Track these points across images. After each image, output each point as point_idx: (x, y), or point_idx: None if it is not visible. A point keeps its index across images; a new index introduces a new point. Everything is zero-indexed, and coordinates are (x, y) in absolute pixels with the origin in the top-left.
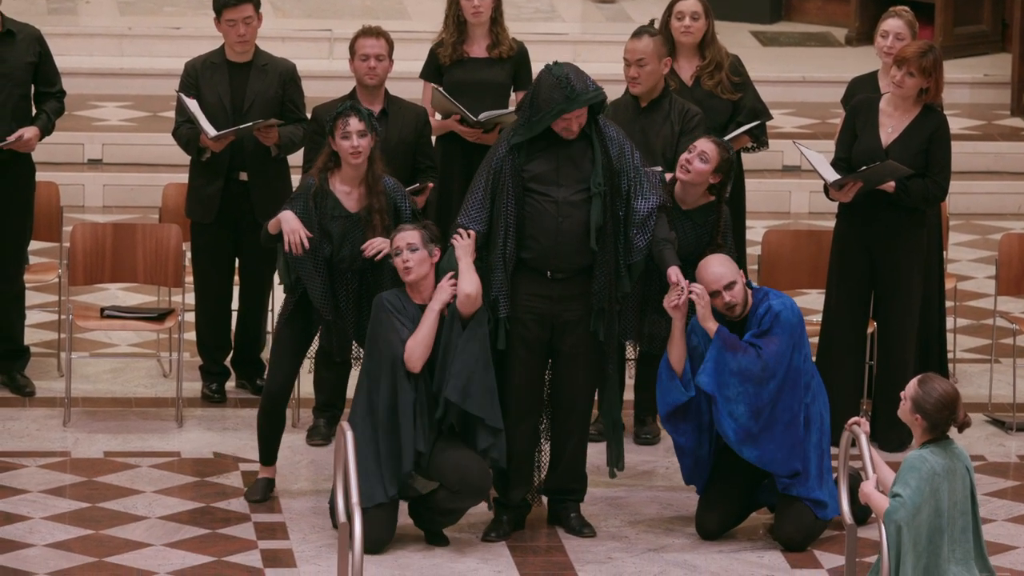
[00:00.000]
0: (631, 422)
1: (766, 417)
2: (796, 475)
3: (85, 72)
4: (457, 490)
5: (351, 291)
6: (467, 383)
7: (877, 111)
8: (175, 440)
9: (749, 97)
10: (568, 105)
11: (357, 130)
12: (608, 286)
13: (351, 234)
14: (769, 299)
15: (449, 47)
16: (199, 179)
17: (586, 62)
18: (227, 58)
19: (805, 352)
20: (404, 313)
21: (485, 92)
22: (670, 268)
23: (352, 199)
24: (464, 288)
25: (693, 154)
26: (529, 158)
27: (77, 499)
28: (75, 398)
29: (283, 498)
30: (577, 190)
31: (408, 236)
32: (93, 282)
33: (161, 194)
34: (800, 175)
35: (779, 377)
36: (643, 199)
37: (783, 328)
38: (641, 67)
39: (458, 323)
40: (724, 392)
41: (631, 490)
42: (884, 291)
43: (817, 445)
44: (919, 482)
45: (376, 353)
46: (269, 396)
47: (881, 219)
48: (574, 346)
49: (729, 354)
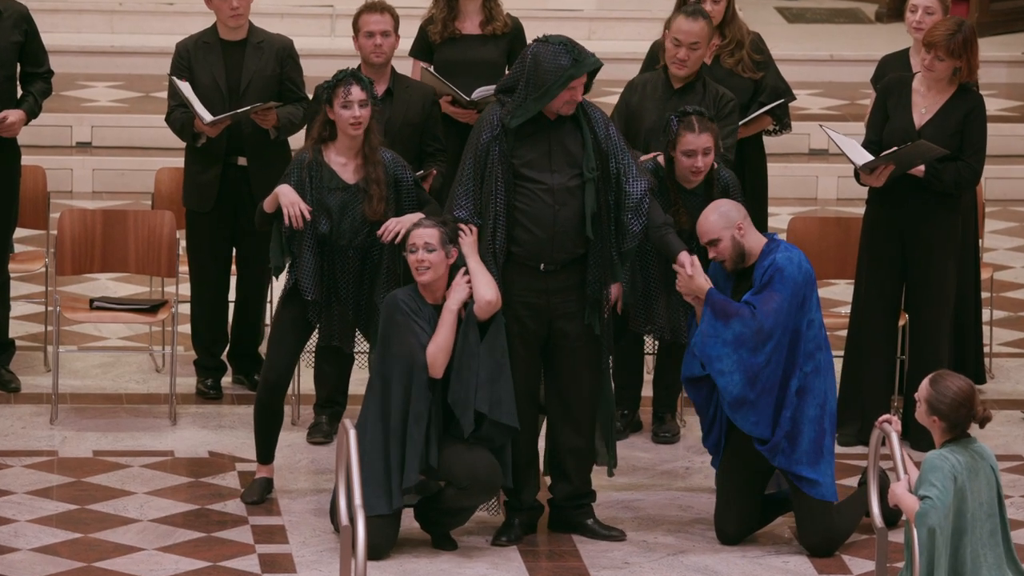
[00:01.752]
0: (649, 419)
1: (764, 381)
2: (764, 443)
3: (74, 50)
4: (466, 486)
5: (352, 270)
6: (495, 393)
7: (910, 91)
8: (168, 439)
9: (771, 76)
10: (578, 69)
11: (359, 99)
12: (602, 276)
13: (350, 207)
14: (776, 252)
15: (439, 24)
16: (195, 166)
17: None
18: (220, 36)
19: (812, 318)
20: (420, 315)
21: (478, 71)
22: (680, 254)
23: (348, 171)
24: (485, 295)
25: (698, 155)
26: (518, 143)
27: (65, 501)
28: (63, 394)
29: (282, 499)
30: (571, 175)
31: (426, 234)
32: (82, 272)
33: (154, 179)
34: (827, 159)
35: (776, 338)
36: (634, 181)
37: (784, 284)
38: (693, 50)
39: (474, 329)
40: (716, 366)
41: (649, 492)
42: (916, 281)
43: (814, 421)
44: (944, 481)
45: (389, 355)
46: (267, 386)
47: (913, 205)
48: (574, 339)
49: (721, 323)
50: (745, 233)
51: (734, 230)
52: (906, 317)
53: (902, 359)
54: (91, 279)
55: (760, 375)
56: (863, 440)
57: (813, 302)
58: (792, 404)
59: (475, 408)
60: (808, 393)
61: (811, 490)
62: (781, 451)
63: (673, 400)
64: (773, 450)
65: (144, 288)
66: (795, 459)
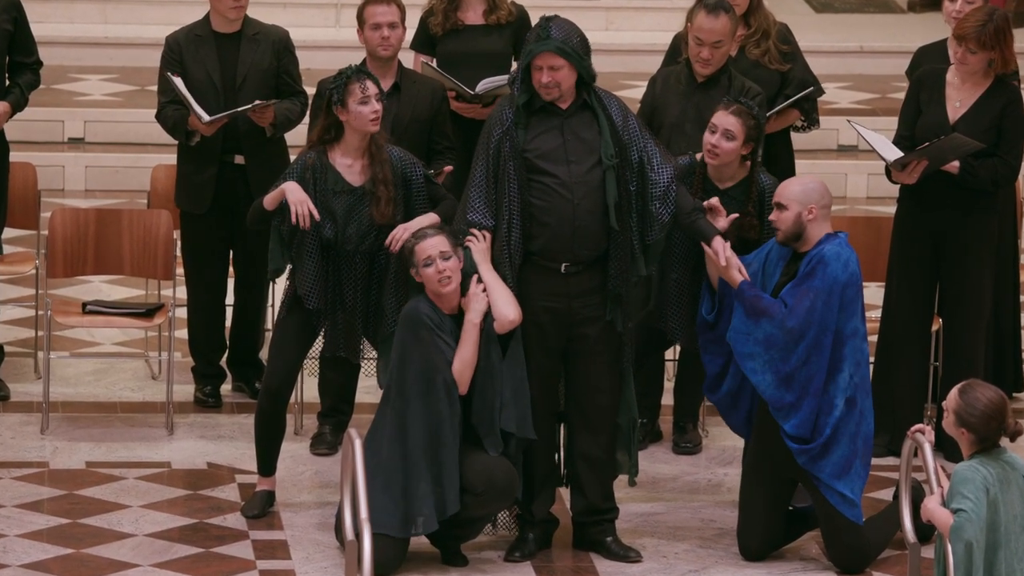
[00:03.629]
0: (669, 429)
1: (802, 382)
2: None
3: (65, 41)
4: (481, 492)
5: (359, 276)
6: (520, 410)
7: (944, 83)
8: (165, 449)
9: (798, 68)
10: (537, 46)
11: (375, 94)
12: (624, 269)
13: (356, 210)
14: (826, 244)
15: (440, 15)
16: (189, 165)
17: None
18: (213, 29)
19: (857, 326)
20: (443, 328)
21: (483, 63)
22: (714, 240)
23: (354, 172)
24: (509, 315)
25: (717, 134)
26: (531, 135)
27: (56, 515)
28: (54, 403)
29: (284, 513)
30: (589, 165)
31: (438, 243)
32: (74, 274)
33: (150, 177)
34: (857, 155)
35: (809, 338)
36: (660, 168)
37: (824, 279)
38: (717, 48)
39: (496, 346)
40: (748, 364)
41: (670, 505)
42: (950, 284)
43: (851, 438)
44: (977, 493)
45: (411, 371)
46: (268, 393)
47: (947, 203)
48: (595, 343)
49: (752, 321)
50: (814, 219)
51: (805, 209)
52: (940, 322)
53: (935, 366)
54: (84, 281)
55: (796, 376)
56: (894, 451)
57: (859, 309)
58: (836, 411)
59: (502, 427)
60: (855, 407)
61: (842, 507)
62: (811, 456)
63: (695, 409)
64: (803, 452)
65: (140, 291)
66: (820, 466)
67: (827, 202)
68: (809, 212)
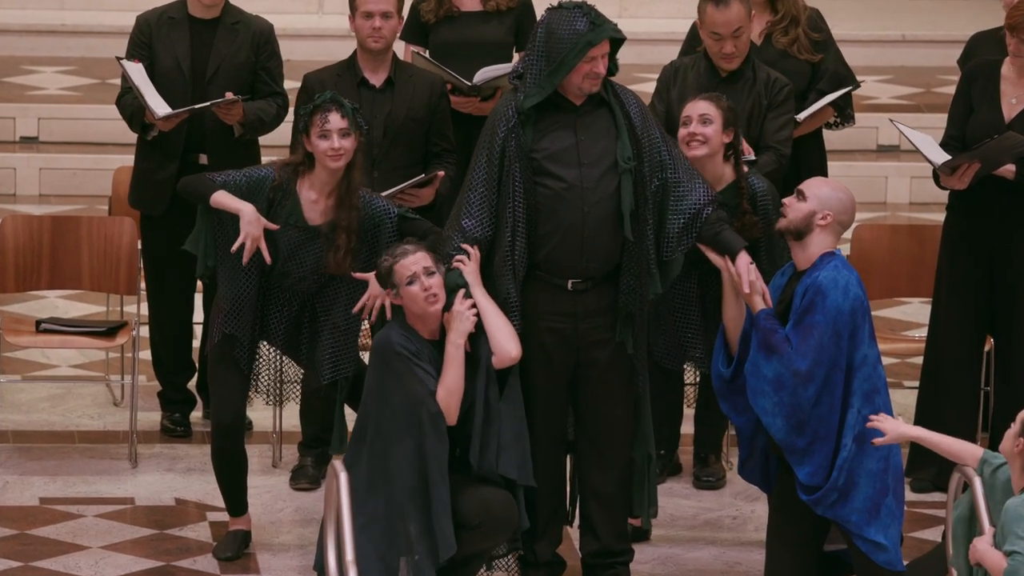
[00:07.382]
0: (689, 460)
1: (814, 427)
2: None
3: (17, 29)
4: (478, 524)
5: (287, 316)
6: (521, 455)
7: (998, 77)
8: (128, 484)
9: (831, 59)
10: (596, 34)
11: (339, 128)
12: (637, 285)
13: (304, 249)
14: (823, 268)
15: (433, 1)
16: (147, 162)
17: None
18: (189, 12)
19: (866, 353)
20: (421, 356)
21: (481, 53)
22: (739, 258)
23: (316, 209)
24: (511, 351)
25: (693, 123)
26: (540, 134)
27: (6, 557)
28: (4, 432)
29: (261, 555)
30: (603, 169)
31: (420, 259)
32: (27, 289)
33: (111, 180)
34: (899, 156)
35: (819, 379)
36: (697, 185)
37: (825, 313)
38: (738, 38)
39: (494, 384)
40: (760, 402)
41: (690, 546)
42: (1004, 300)
43: (874, 476)
44: None
45: (389, 409)
46: (221, 431)
47: (1001, 211)
48: (606, 369)
49: (763, 356)
50: (824, 226)
51: (821, 212)
52: (992, 342)
53: (986, 391)
54: (38, 297)
55: (808, 420)
56: (940, 486)
57: (866, 333)
58: (845, 450)
59: (501, 473)
60: (868, 442)
61: (875, 554)
62: (829, 504)
63: (718, 439)
64: (818, 502)
65: (100, 308)
66: (844, 514)
67: (845, 219)
68: (823, 217)
